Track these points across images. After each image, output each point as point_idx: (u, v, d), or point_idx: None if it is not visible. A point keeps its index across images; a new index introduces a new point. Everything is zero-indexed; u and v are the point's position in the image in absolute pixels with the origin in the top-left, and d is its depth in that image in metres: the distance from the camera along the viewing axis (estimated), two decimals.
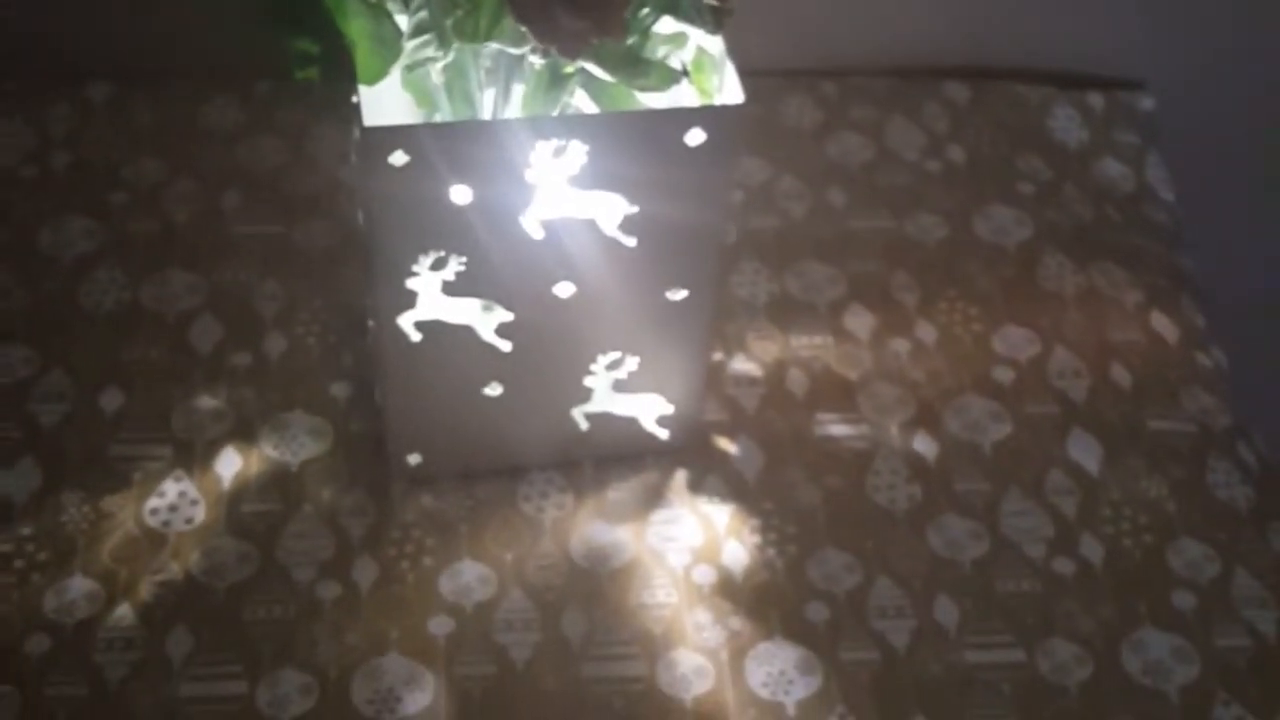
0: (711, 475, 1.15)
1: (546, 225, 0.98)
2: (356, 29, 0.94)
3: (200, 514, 1.10)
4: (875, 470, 1.16)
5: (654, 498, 1.13)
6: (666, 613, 1.07)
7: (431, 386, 1.07)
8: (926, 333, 1.25)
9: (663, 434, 1.14)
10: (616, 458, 1.15)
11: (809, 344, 1.23)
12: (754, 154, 1.35)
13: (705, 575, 1.09)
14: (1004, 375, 1.22)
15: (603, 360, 1.08)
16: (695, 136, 0.96)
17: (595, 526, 1.11)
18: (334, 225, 1.29)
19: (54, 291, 1.23)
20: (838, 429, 1.18)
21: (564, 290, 1.03)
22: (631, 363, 1.08)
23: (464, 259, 0.99)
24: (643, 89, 0.93)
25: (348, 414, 1.16)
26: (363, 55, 0.94)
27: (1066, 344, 1.25)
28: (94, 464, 1.12)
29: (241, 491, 1.11)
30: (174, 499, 1.10)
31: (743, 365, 1.21)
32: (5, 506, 1.09)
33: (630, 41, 0.93)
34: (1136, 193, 1.39)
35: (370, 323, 1.12)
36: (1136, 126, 1.45)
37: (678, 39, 0.98)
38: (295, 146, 1.35)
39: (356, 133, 0.96)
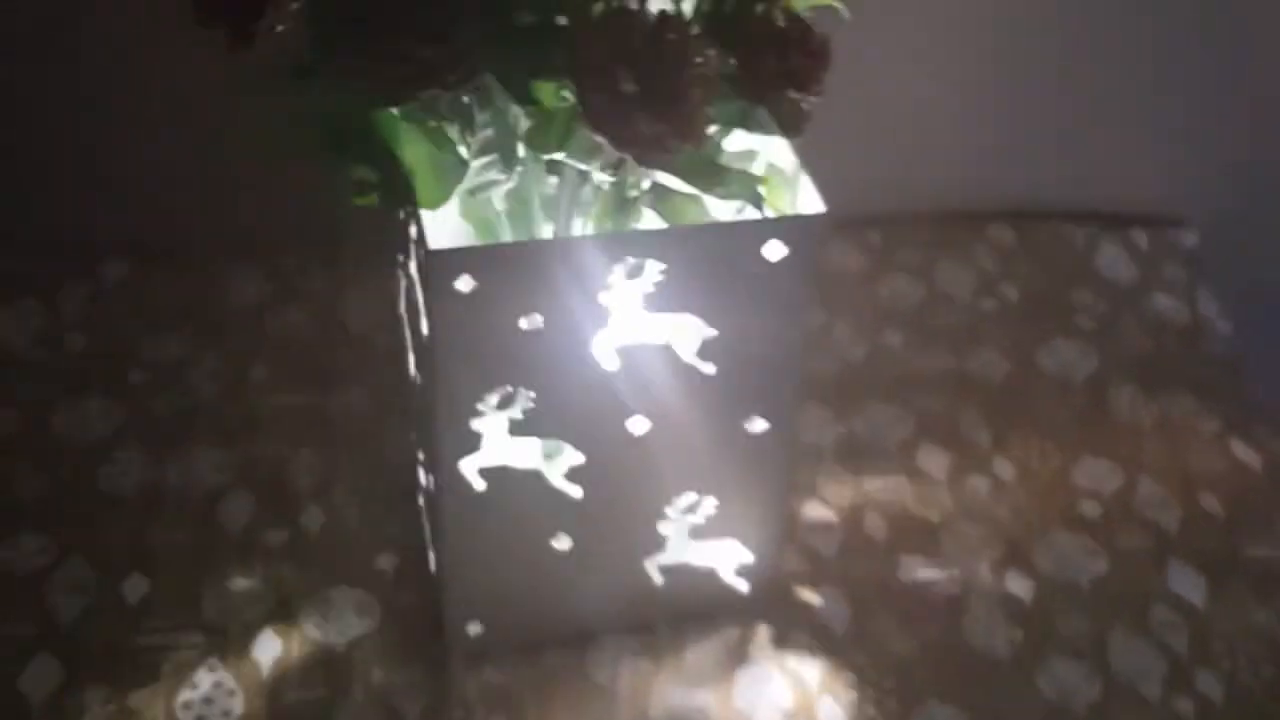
0: (796, 629, 1.06)
1: (620, 353, 0.92)
2: (416, 155, 0.88)
3: (238, 706, 0.99)
4: (970, 614, 1.07)
5: (737, 657, 1.04)
6: None
7: (495, 543, 0.98)
8: (1004, 469, 1.18)
9: (741, 586, 1.05)
10: (693, 615, 1.06)
11: (883, 486, 1.16)
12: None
13: None
14: (1091, 509, 1.15)
15: (679, 503, 1.00)
16: (775, 250, 0.90)
17: (675, 691, 1.01)
18: (370, 392, 1.21)
19: (71, 476, 1.14)
20: (925, 573, 1.10)
21: (639, 426, 0.95)
22: (709, 505, 1.00)
23: (533, 394, 0.92)
24: (725, 197, 0.87)
25: (396, 586, 1.07)
26: (424, 181, 0.88)
27: (1150, 474, 1.18)
28: (118, 657, 1.02)
29: (283, 678, 1.01)
30: (208, 690, 1.00)
31: (817, 511, 1.13)
32: (20, 709, 0.99)
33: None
34: (1192, 326, 1.34)
35: (425, 480, 1.04)
36: (1182, 262, 1.41)
37: (747, 156, 0.93)
38: (325, 316, 1.28)
39: (418, 262, 0.89)
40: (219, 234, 1.32)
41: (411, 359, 1.02)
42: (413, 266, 0.94)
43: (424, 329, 0.93)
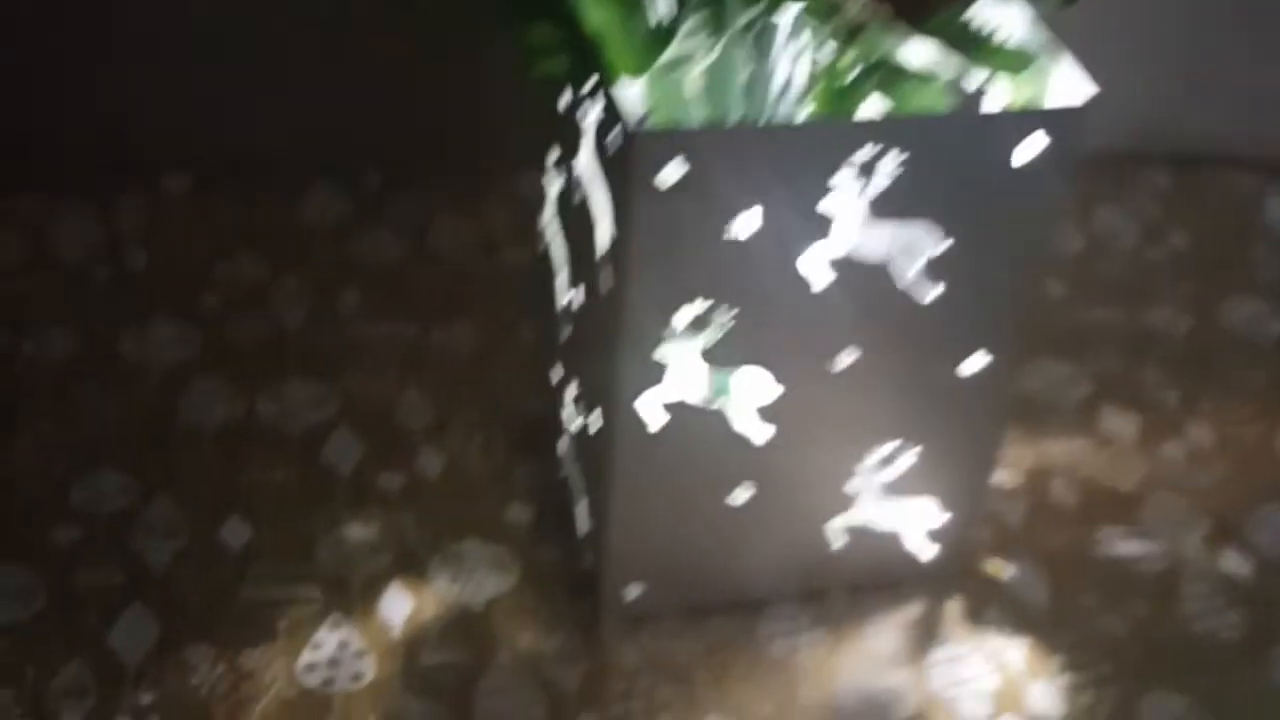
0: (990, 605, 0.92)
1: (835, 268, 0.78)
2: (605, 20, 0.74)
3: (370, 669, 0.85)
4: (1184, 595, 0.95)
5: (927, 633, 0.91)
6: None
7: (665, 494, 0.84)
8: (1201, 435, 1.05)
9: (926, 553, 0.92)
10: (870, 586, 0.92)
11: (1066, 449, 1.03)
12: None
13: None
14: None
15: (875, 454, 0.87)
16: (1035, 144, 0.77)
17: (863, 670, 0.88)
18: (476, 326, 1.07)
19: (146, 407, 1.00)
20: (1126, 546, 0.97)
21: (845, 359, 0.82)
22: (909, 457, 0.87)
23: (733, 313, 0.78)
24: (998, 67, 0.74)
25: (534, 541, 0.93)
26: (616, 47, 0.74)
27: None
28: (222, 611, 0.88)
29: (418, 639, 0.87)
30: (333, 651, 0.86)
31: (997, 474, 1.00)
32: (113, 667, 0.84)
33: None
34: None
35: (573, 421, 0.90)
36: None
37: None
38: (415, 241, 1.14)
39: (604, 150, 0.75)
40: (292, 147, 1.17)
41: (566, 277, 0.88)
42: (581, 160, 0.80)
43: (600, 236, 0.79)
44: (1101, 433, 1.04)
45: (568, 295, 0.89)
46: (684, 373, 0.80)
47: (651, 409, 0.81)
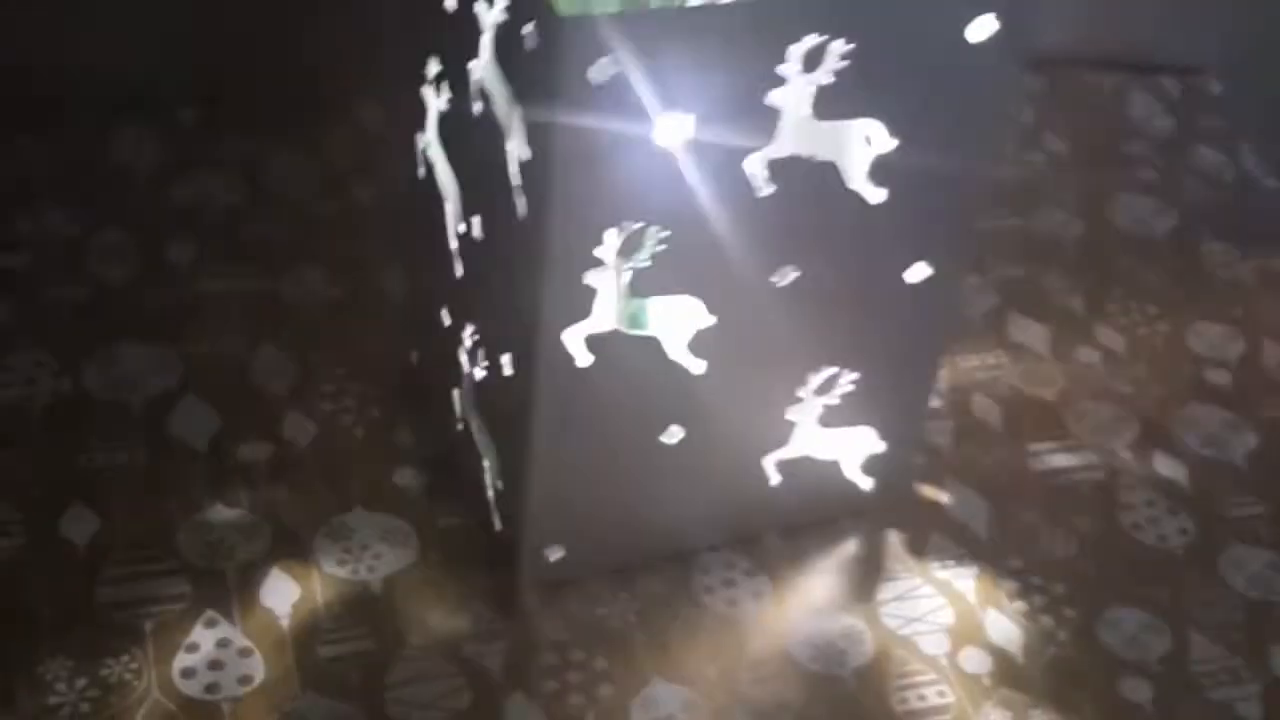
0: (934, 533, 0.86)
1: (775, 171, 0.69)
2: None
3: (259, 668, 0.74)
4: (1125, 504, 0.90)
5: (872, 569, 0.84)
6: (949, 717, 0.77)
7: (591, 440, 0.75)
8: (1111, 338, 1.00)
9: (865, 483, 0.85)
10: (807, 525, 0.85)
11: (982, 364, 0.97)
12: None
13: (978, 661, 0.79)
14: (1220, 378, 0.99)
15: (814, 380, 0.79)
16: (985, 26, 0.69)
17: (812, 617, 0.80)
18: (331, 273, 0.95)
19: None
20: (1059, 459, 0.91)
21: (784, 276, 0.73)
22: (849, 380, 0.79)
23: (666, 232, 0.69)
24: None
25: (430, 507, 0.82)
26: None
27: (1272, 336, 1.02)
28: (76, 617, 0.75)
29: (312, 630, 0.76)
30: (212, 651, 0.74)
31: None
32: None
33: None
34: (1239, 179, 1.19)
35: (475, 372, 0.79)
36: (1216, 112, 1.26)
37: None
38: (248, 183, 1.01)
39: (525, 37, 0.65)
40: (91, 79, 1.03)
41: (455, 208, 0.77)
42: (479, 67, 0.70)
43: (512, 153, 0.68)
44: (1013, 343, 0.99)
45: (458, 227, 0.78)
46: (615, 300, 0.71)
47: (577, 343, 0.71)
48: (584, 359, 0.72)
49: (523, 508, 0.77)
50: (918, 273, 0.77)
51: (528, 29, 0.64)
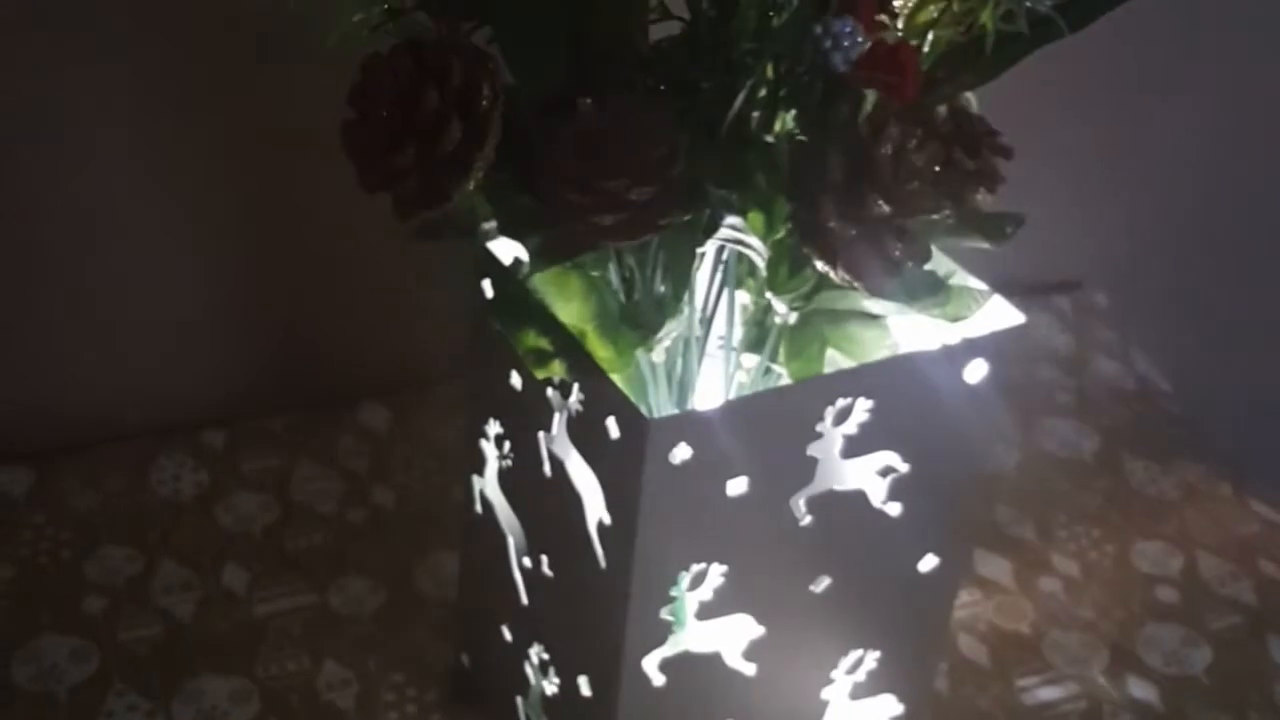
0: None
1: (811, 506, 0.81)
2: (581, 313, 0.75)
3: None
4: None
5: None
6: None
7: None
8: (1066, 566, 1.13)
9: None
10: None
11: (959, 602, 1.09)
12: None
13: None
14: (1168, 595, 1.12)
15: (844, 662, 0.89)
16: (978, 369, 0.82)
17: None
18: (373, 581, 1.04)
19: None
20: (1045, 693, 1.03)
21: (820, 584, 0.84)
22: (871, 659, 0.90)
23: (725, 568, 0.80)
24: (950, 317, 0.79)
25: None
26: (596, 341, 0.75)
27: (1203, 548, 1.16)
28: None
29: None
30: None
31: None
32: None
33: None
34: (1141, 389, 1.34)
35: (545, 686, 0.88)
36: (1107, 324, 1.41)
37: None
38: (280, 498, 1.10)
39: (608, 427, 0.75)
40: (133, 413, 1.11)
41: (518, 546, 0.87)
42: (553, 438, 0.80)
43: (590, 512, 0.79)
44: (982, 578, 1.11)
45: (523, 561, 0.88)
46: (687, 627, 0.81)
47: (653, 667, 0.81)
48: (658, 680, 0.82)
49: None
50: (928, 563, 0.89)
51: (611, 421, 0.75)
